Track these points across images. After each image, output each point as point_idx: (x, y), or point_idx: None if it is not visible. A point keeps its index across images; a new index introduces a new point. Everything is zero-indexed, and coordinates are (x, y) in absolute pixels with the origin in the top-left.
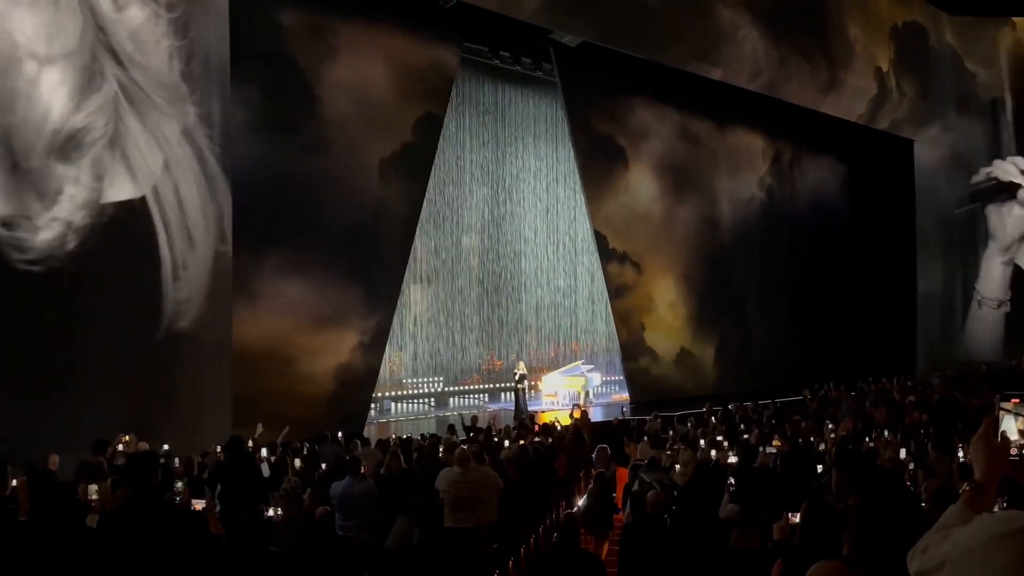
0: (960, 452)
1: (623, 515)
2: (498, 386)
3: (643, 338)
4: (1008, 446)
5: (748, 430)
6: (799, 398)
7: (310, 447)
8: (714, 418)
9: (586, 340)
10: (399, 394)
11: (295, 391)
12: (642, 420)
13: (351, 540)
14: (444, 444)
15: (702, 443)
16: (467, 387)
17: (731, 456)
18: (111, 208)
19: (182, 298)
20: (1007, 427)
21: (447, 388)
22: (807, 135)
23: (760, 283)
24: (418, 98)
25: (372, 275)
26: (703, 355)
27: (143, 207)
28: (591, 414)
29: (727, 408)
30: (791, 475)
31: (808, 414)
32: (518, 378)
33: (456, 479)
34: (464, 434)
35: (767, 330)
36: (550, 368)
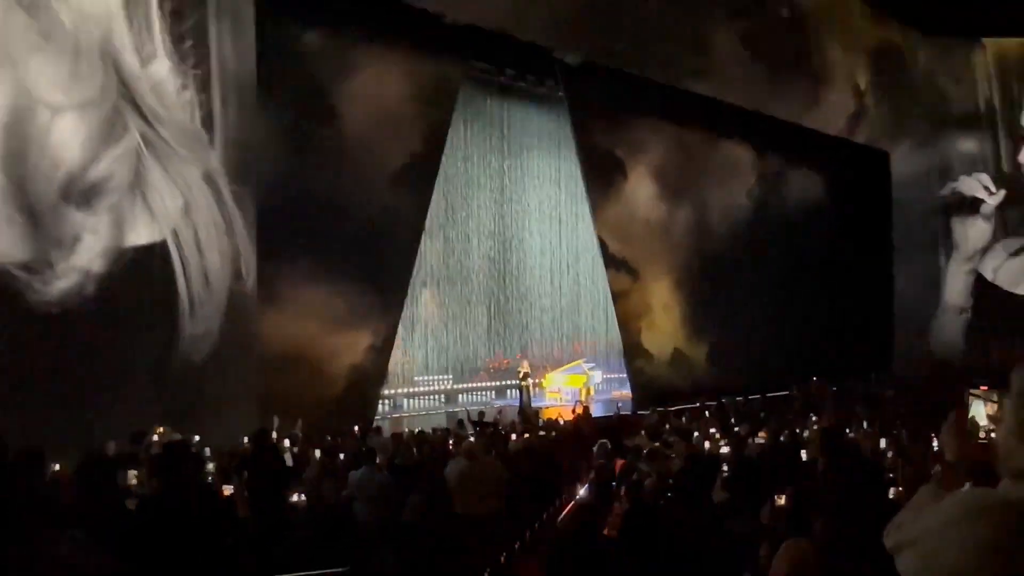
0: (935, 440)
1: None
2: (504, 383)
3: (640, 340)
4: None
5: (739, 423)
6: (786, 393)
7: (332, 439)
8: (707, 412)
9: (588, 340)
10: (411, 391)
11: (313, 388)
12: (640, 415)
13: (368, 524)
14: (453, 437)
15: (695, 435)
16: (475, 384)
17: (723, 447)
18: (130, 252)
19: (198, 333)
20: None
21: (456, 385)
22: (792, 148)
23: (749, 286)
24: (425, 112)
25: (383, 280)
26: (696, 355)
27: (163, 250)
28: (592, 410)
29: (720, 402)
30: (778, 464)
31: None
32: (522, 376)
33: (464, 470)
34: (471, 428)
35: (756, 330)
36: (554, 367)
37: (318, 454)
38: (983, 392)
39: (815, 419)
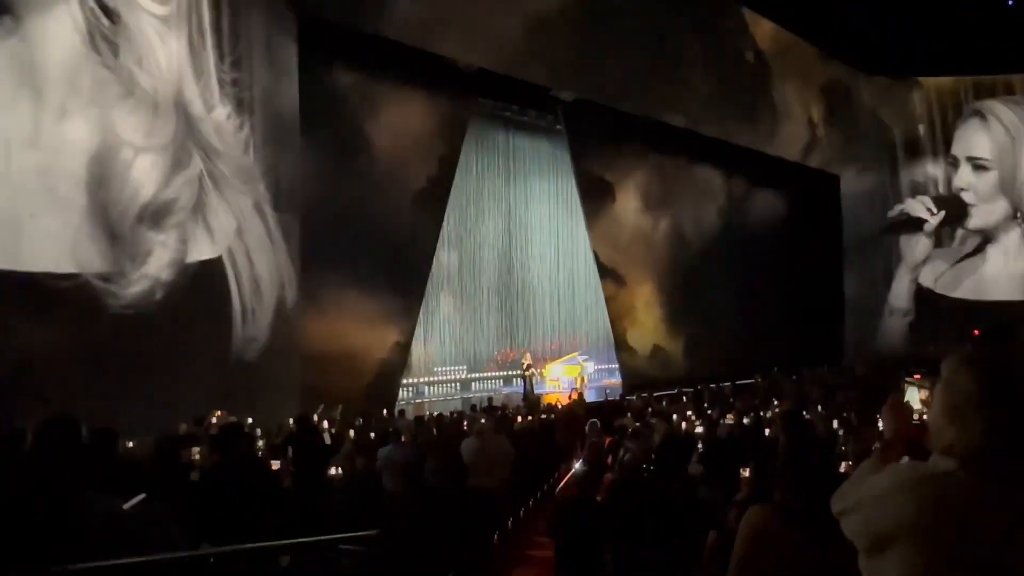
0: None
1: (610, 475)
2: (510, 373)
3: (627, 336)
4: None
5: (712, 407)
6: (752, 381)
7: (364, 421)
8: (684, 397)
9: (583, 335)
10: (431, 379)
11: (348, 378)
12: (627, 400)
13: (394, 493)
14: (467, 419)
15: (674, 417)
16: (486, 374)
17: (698, 427)
18: (194, 265)
19: (251, 334)
20: (911, 397)
21: (470, 375)
22: (755, 172)
23: (720, 290)
24: (442, 142)
25: (406, 285)
26: (674, 348)
27: (220, 265)
28: (586, 396)
29: (696, 389)
30: (745, 441)
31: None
32: (526, 367)
33: (476, 447)
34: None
35: (726, 328)
36: (553, 358)
37: (352, 434)
38: (917, 380)
39: (777, 403)
